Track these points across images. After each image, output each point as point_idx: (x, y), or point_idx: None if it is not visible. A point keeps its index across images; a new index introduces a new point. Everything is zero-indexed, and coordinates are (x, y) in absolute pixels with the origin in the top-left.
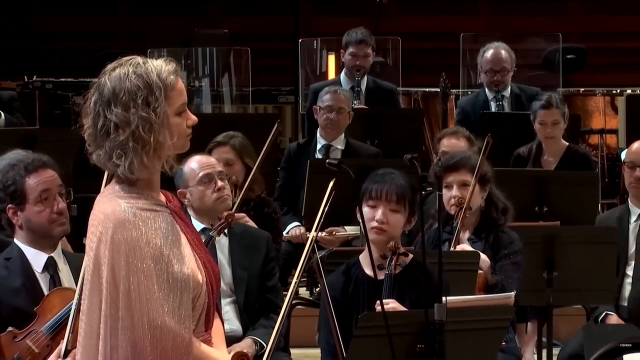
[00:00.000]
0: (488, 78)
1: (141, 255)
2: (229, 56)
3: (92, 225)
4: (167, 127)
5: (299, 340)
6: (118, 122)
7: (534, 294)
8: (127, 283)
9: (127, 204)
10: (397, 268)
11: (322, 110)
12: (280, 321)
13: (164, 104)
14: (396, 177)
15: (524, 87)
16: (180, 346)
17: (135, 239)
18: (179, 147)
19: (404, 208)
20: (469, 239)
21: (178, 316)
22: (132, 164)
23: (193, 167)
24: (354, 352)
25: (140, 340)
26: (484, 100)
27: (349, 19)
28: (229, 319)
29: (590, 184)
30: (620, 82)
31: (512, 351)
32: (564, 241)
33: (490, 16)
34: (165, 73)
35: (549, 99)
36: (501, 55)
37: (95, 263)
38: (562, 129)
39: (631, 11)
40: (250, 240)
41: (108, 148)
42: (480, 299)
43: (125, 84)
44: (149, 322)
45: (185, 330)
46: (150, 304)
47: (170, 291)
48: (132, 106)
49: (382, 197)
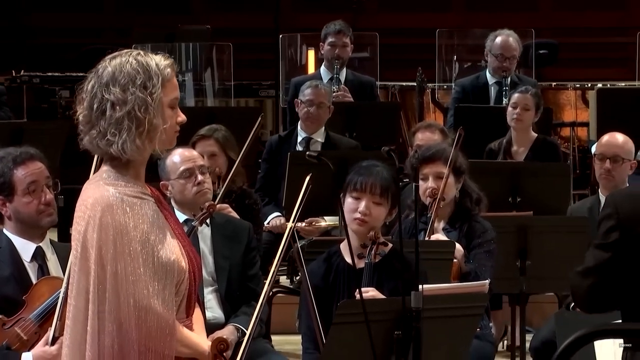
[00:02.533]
0: (497, 63)
1: (128, 238)
2: (211, 51)
3: (79, 210)
4: (161, 113)
5: (279, 327)
6: (115, 101)
7: (507, 281)
8: (114, 265)
9: (115, 189)
10: (376, 257)
11: (303, 104)
12: (260, 307)
13: (160, 91)
14: (381, 170)
15: (523, 77)
16: (164, 328)
17: (123, 222)
18: (165, 141)
19: (387, 201)
20: (444, 229)
21: (162, 299)
22: (125, 143)
23: (175, 160)
24: (333, 338)
25: (126, 320)
26: (484, 83)
27: (328, 16)
28: (211, 307)
29: (562, 175)
30: (591, 76)
31: (486, 337)
32: (537, 231)
33: (464, 13)
34: (163, 65)
35: (527, 87)
36: (511, 42)
37: (83, 246)
38: (531, 117)
39: (601, 7)
40: (232, 230)
41: (102, 127)
42: (455, 287)
43: (126, 68)
44: (134, 303)
45: (169, 313)
46: (137, 285)
47: (155, 275)
48: (131, 87)
49: (366, 190)
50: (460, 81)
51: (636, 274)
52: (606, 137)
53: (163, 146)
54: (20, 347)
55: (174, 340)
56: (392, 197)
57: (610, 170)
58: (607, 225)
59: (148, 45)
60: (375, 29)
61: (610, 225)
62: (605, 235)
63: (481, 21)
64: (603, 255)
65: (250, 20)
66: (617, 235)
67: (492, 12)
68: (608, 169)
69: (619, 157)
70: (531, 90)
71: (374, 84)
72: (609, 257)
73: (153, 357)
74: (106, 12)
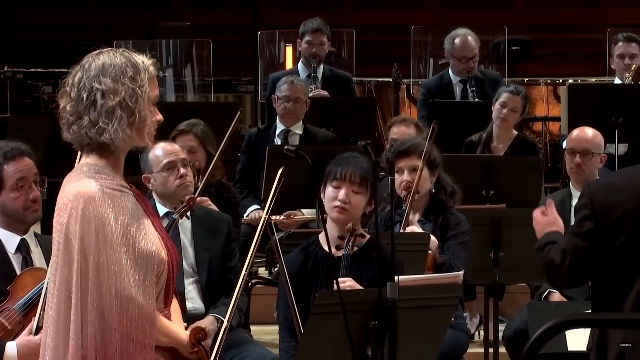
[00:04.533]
0: (461, 66)
1: (110, 230)
2: (191, 48)
3: (61, 203)
4: (148, 106)
5: (258, 318)
6: (106, 90)
7: (481, 273)
8: (97, 256)
9: (97, 182)
10: (353, 249)
11: (280, 100)
12: (237, 295)
13: (148, 85)
14: (360, 160)
15: (486, 72)
16: (145, 317)
17: (104, 214)
18: (149, 135)
19: (366, 190)
20: (419, 221)
21: (144, 289)
22: (117, 132)
23: (158, 154)
24: (311, 328)
25: (108, 310)
26: (448, 82)
27: (306, 13)
28: (192, 298)
29: (535, 169)
30: (562, 72)
31: (460, 327)
32: (510, 223)
33: (439, 10)
34: (148, 63)
35: (519, 88)
36: (471, 42)
37: (66, 238)
38: (516, 118)
39: (573, 5)
40: (212, 223)
41: (93, 117)
42: (430, 278)
43: (115, 61)
44: (116, 293)
45: (150, 303)
46: (118, 276)
47: (136, 265)
48: (122, 78)
49: (346, 179)
50: (425, 83)
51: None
52: (576, 132)
53: (141, 143)
54: (5, 336)
55: (155, 330)
56: (372, 187)
57: (580, 164)
58: (582, 214)
59: (129, 42)
60: (352, 26)
61: (585, 215)
62: (580, 224)
63: (456, 19)
64: (578, 243)
65: (230, 18)
66: (592, 225)
67: (466, 9)
68: (578, 163)
69: (589, 151)
70: (522, 93)
71: (350, 79)
72: (583, 246)
73: (134, 345)
74: (88, 9)
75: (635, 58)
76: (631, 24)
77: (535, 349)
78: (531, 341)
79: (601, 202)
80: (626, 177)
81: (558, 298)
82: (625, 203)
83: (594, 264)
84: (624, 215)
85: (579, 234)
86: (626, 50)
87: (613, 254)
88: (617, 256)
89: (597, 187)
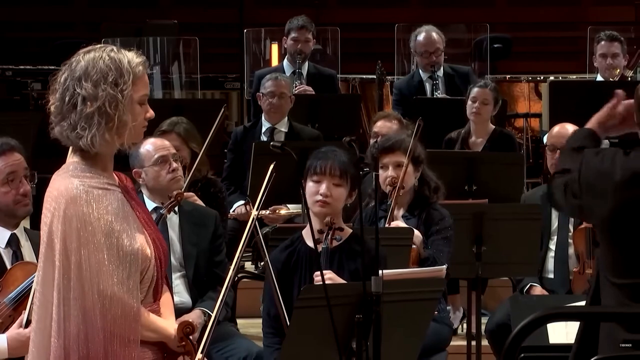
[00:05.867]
0: (424, 60)
1: (92, 229)
2: (178, 45)
3: (46, 202)
4: (131, 109)
5: (244, 311)
6: (86, 96)
7: (464, 267)
8: (78, 255)
9: (80, 182)
10: (333, 242)
11: (265, 96)
12: (225, 291)
13: (131, 88)
14: (338, 153)
15: (456, 67)
16: (129, 314)
17: (86, 214)
18: (134, 136)
19: (346, 182)
20: (403, 216)
21: (127, 287)
22: (94, 137)
23: (149, 148)
24: (296, 321)
25: (91, 309)
26: (419, 81)
27: (291, 11)
28: (179, 292)
29: (516, 165)
30: (543, 69)
31: (443, 320)
32: (492, 218)
33: (422, 8)
34: (135, 63)
35: (486, 82)
36: (433, 37)
37: (49, 237)
38: (489, 111)
39: (554, 3)
40: (199, 218)
41: (73, 120)
42: (413, 272)
43: (99, 64)
44: (99, 292)
45: (134, 300)
46: (100, 275)
47: (119, 263)
48: (102, 84)
49: (325, 172)
50: (396, 84)
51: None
52: (556, 128)
53: (131, 140)
54: None
55: (139, 326)
56: (351, 179)
57: None
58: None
59: (117, 40)
60: (337, 24)
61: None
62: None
63: (438, 16)
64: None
65: (216, 16)
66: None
67: (449, 7)
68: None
69: None
70: (490, 85)
71: (335, 76)
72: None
73: (118, 342)
74: (77, 7)
75: (617, 57)
76: (611, 21)
77: (516, 341)
78: (513, 334)
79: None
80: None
81: (539, 291)
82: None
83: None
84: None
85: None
86: (608, 50)
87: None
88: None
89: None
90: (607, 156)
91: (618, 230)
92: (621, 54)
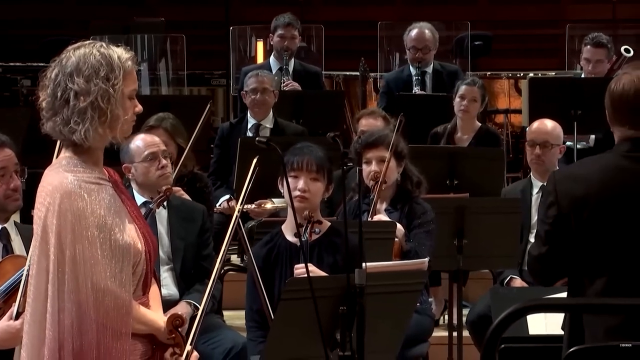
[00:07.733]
0: (411, 55)
1: (86, 223)
2: (165, 43)
3: (40, 196)
4: (122, 103)
5: (230, 303)
6: (79, 91)
7: (445, 259)
8: (72, 249)
9: (74, 176)
10: (312, 235)
11: (249, 93)
12: (212, 284)
13: (122, 83)
14: (314, 149)
15: (445, 65)
16: (121, 307)
17: (80, 208)
18: (124, 130)
19: (323, 177)
20: (386, 210)
21: (119, 280)
22: (87, 131)
23: (139, 144)
24: (281, 313)
25: (85, 301)
26: (408, 75)
27: (276, 9)
28: (167, 285)
29: (497, 160)
30: (523, 66)
31: (425, 312)
32: (473, 211)
33: (405, 6)
34: (125, 58)
35: (474, 79)
36: (424, 34)
37: (44, 231)
38: (477, 108)
39: (533, 1)
40: (187, 212)
41: (65, 115)
42: (396, 265)
43: (90, 59)
44: (92, 285)
45: (126, 293)
46: (94, 268)
47: (112, 257)
48: (94, 78)
49: (303, 168)
50: (385, 76)
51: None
52: (536, 124)
53: (122, 135)
54: None
55: (130, 319)
56: (328, 173)
57: (540, 155)
58: (548, 201)
59: (105, 37)
60: (321, 22)
61: (550, 202)
62: (546, 210)
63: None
64: (545, 228)
65: (202, 13)
66: (555, 212)
67: (432, 5)
68: (538, 154)
69: (548, 142)
70: (478, 83)
71: (320, 73)
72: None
73: (111, 334)
74: (66, 5)
75: (600, 64)
76: (588, 19)
77: (497, 332)
78: (493, 325)
79: (563, 188)
80: (587, 167)
81: (519, 283)
82: (584, 189)
83: (560, 248)
84: (583, 199)
85: (545, 220)
86: (592, 56)
87: (574, 238)
88: (577, 240)
89: (561, 176)
90: (580, 164)
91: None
92: (605, 60)
